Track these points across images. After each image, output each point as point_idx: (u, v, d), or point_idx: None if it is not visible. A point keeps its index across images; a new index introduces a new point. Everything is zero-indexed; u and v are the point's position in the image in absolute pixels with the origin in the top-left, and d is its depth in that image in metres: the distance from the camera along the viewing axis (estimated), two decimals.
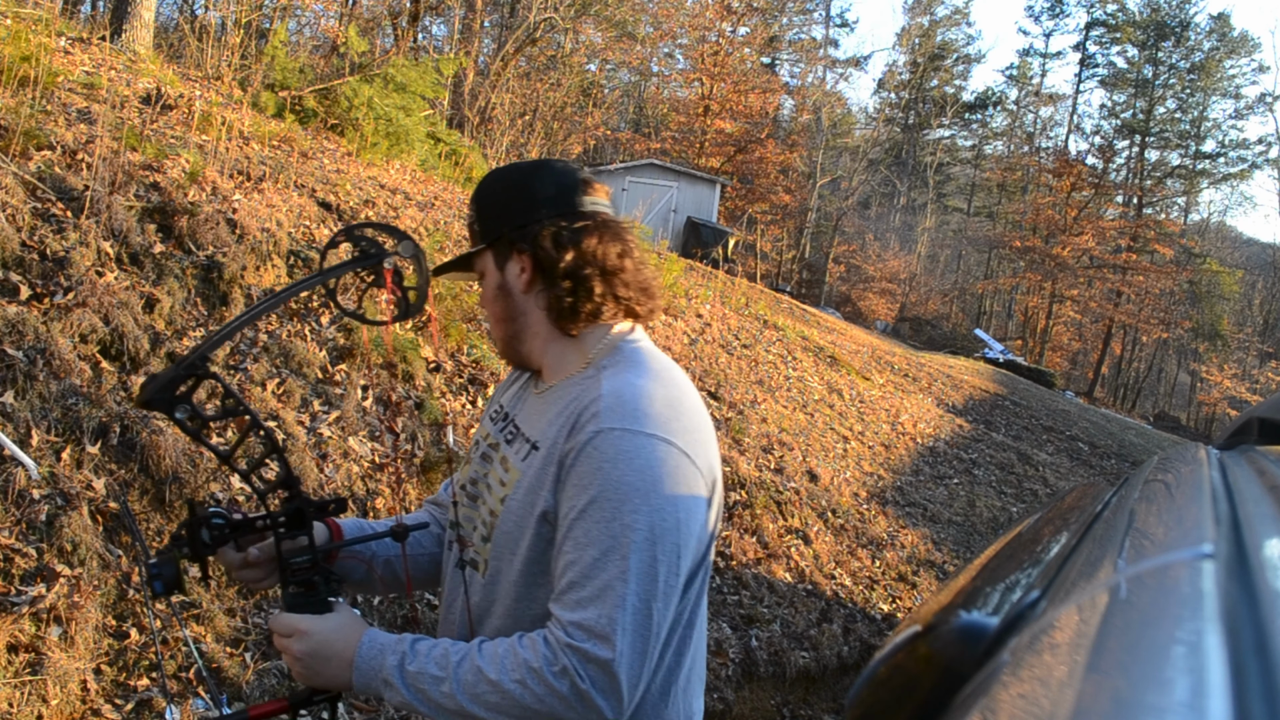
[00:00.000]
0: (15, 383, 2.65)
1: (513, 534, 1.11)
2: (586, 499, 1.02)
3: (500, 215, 1.15)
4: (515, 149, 15.12)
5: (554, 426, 1.10)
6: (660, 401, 1.06)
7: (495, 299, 1.17)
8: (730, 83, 28.00)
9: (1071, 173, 32.14)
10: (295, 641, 1.08)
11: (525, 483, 1.11)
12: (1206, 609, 0.41)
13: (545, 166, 1.17)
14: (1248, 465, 1.06)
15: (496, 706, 1.00)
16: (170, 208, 3.77)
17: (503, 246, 1.15)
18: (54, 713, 1.99)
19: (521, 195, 1.14)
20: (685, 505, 1.03)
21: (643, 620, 0.99)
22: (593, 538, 1.00)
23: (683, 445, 1.04)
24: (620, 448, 1.01)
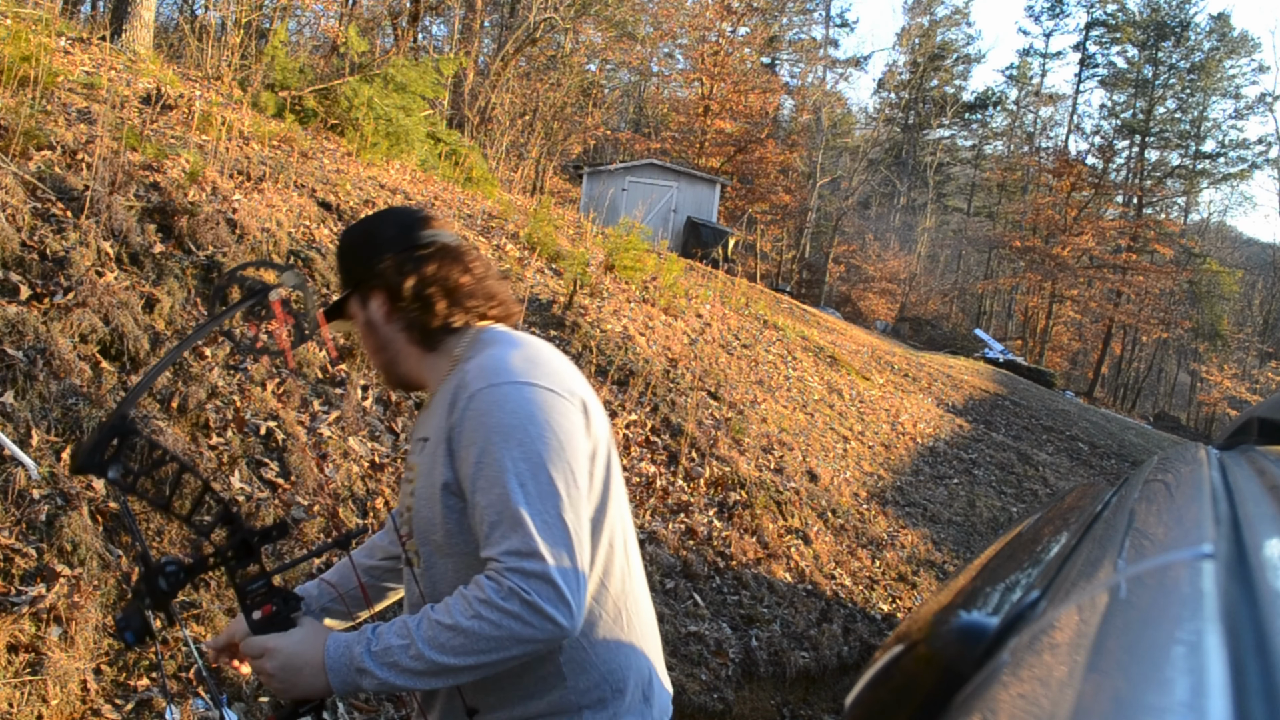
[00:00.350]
0: (15, 383, 2.65)
1: (427, 515, 1.23)
2: (476, 452, 1.14)
3: (353, 263, 1.33)
4: (515, 149, 15.12)
5: (436, 417, 1.25)
6: (517, 358, 1.23)
7: (366, 335, 1.35)
8: (730, 83, 28.01)
9: (1071, 173, 32.14)
10: (266, 660, 1.15)
11: (424, 469, 1.25)
12: (1206, 609, 0.41)
13: (387, 213, 1.37)
14: (1248, 465, 1.06)
15: (462, 648, 1.07)
16: (170, 208, 3.77)
17: (362, 289, 1.33)
18: (54, 713, 1.99)
19: (368, 242, 1.33)
20: (562, 427, 1.16)
21: (560, 531, 1.10)
22: (493, 480, 1.12)
23: (544, 383, 1.19)
24: (490, 399, 1.16)
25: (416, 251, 1.30)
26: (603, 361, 5.45)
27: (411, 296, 1.29)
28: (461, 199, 7.37)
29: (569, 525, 1.11)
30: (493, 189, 9.34)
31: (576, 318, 5.86)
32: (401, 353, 1.33)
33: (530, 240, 6.85)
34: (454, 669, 1.08)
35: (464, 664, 1.08)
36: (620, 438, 4.78)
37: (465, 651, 1.07)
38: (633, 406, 5.13)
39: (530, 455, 1.12)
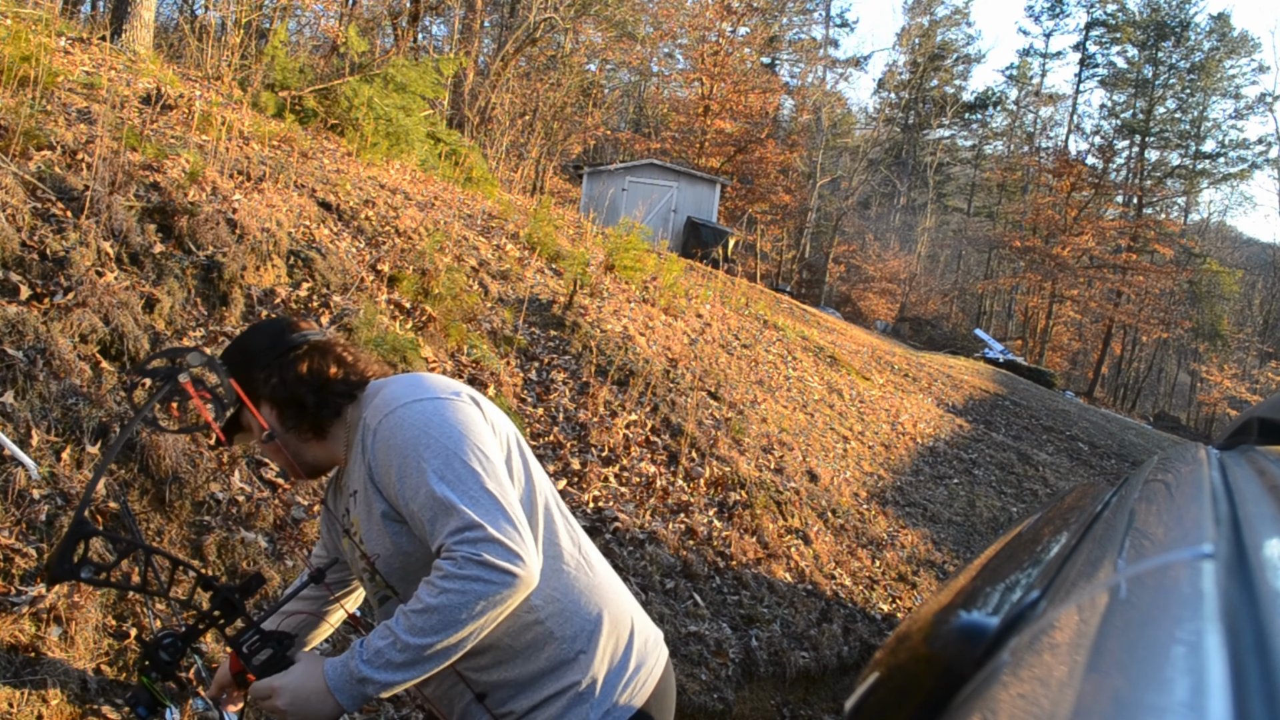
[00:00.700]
0: (15, 383, 2.65)
1: (382, 551, 1.34)
2: (396, 471, 1.26)
3: (236, 379, 1.41)
4: (515, 149, 15.12)
5: (354, 470, 1.37)
6: (400, 387, 1.36)
7: (265, 441, 1.42)
8: (730, 83, 28.01)
9: (1071, 173, 32.14)
10: (276, 699, 1.24)
11: (362, 515, 1.36)
12: (1206, 609, 0.41)
13: (256, 327, 1.47)
14: (1248, 465, 1.06)
15: (439, 624, 1.15)
16: (170, 208, 3.77)
17: (244, 407, 1.41)
18: (54, 713, 1.99)
19: (242, 357, 1.42)
20: (456, 419, 1.28)
21: (487, 500, 1.20)
22: (415, 486, 1.23)
23: (429, 396, 1.31)
24: (389, 425, 1.28)
25: (290, 355, 1.41)
26: (603, 361, 5.45)
27: (290, 399, 1.39)
28: (461, 199, 7.37)
29: (493, 492, 1.21)
30: (493, 189, 9.34)
31: (576, 318, 5.86)
32: (303, 448, 1.43)
33: (530, 240, 6.85)
34: (439, 647, 1.16)
35: (446, 639, 1.16)
36: (620, 438, 4.78)
37: (443, 627, 1.15)
38: (633, 406, 5.13)
39: (439, 451, 1.23)
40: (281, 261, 4.04)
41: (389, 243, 4.98)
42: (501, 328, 5.09)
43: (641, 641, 1.41)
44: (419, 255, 4.95)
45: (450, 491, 1.20)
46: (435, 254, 5.04)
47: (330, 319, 3.96)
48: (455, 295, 4.80)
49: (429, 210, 6.14)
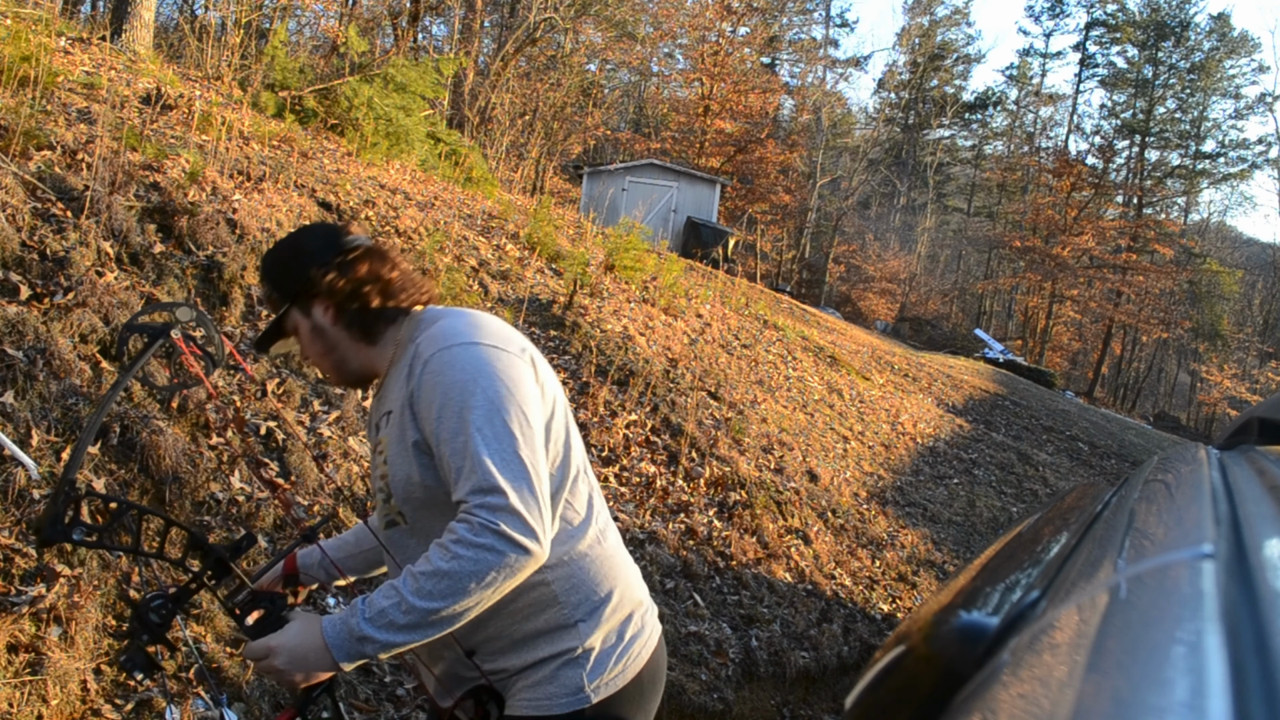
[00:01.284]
0: (15, 383, 2.65)
1: (404, 475, 1.33)
2: (437, 408, 1.25)
3: (285, 277, 1.42)
4: (515, 149, 15.12)
5: (395, 390, 1.36)
6: (462, 323, 1.34)
7: (313, 340, 1.43)
8: (730, 83, 28.00)
9: (1071, 173, 32.13)
10: (273, 658, 1.22)
11: (393, 436, 1.35)
12: (1206, 609, 0.41)
13: (307, 229, 1.48)
14: (1248, 465, 1.06)
15: (448, 590, 1.15)
16: (170, 208, 3.77)
17: (301, 301, 1.41)
18: (54, 713, 1.99)
19: (296, 254, 1.42)
20: (510, 376, 1.27)
21: (518, 467, 1.20)
22: (454, 430, 1.22)
23: (489, 342, 1.30)
24: (443, 360, 1.27)
25: (348, 256, 1.41)
26: (603, 361, 5.45)
27: (351, 296, 1.40)
28: (461, 199, 7.37)
29: (525, 461, 1.21)
30: (493, 189, 9.34)
31: (576, 318, 5.86)
32: (350, 351, 1.43)
33: (530, 240, 6.85)
34: (444, 613, 1.16)
35: (452, 605, 1.15)
36: (620, 438, 4.78)
37: (450, 593, 1.15)
38: (633, 406, 5.13)
39: (484, 403, 1.22)
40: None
41: (389, 242, 4.98)
42: None
43: (640, 615, 1.43)
44: (419, 255, 4.95)
45: (485, 447, 1.20)
46: (435, 254, 5.04)
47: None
48: (455, 295, 4.80)
49: (429, 210, 6.14)
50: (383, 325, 1.42)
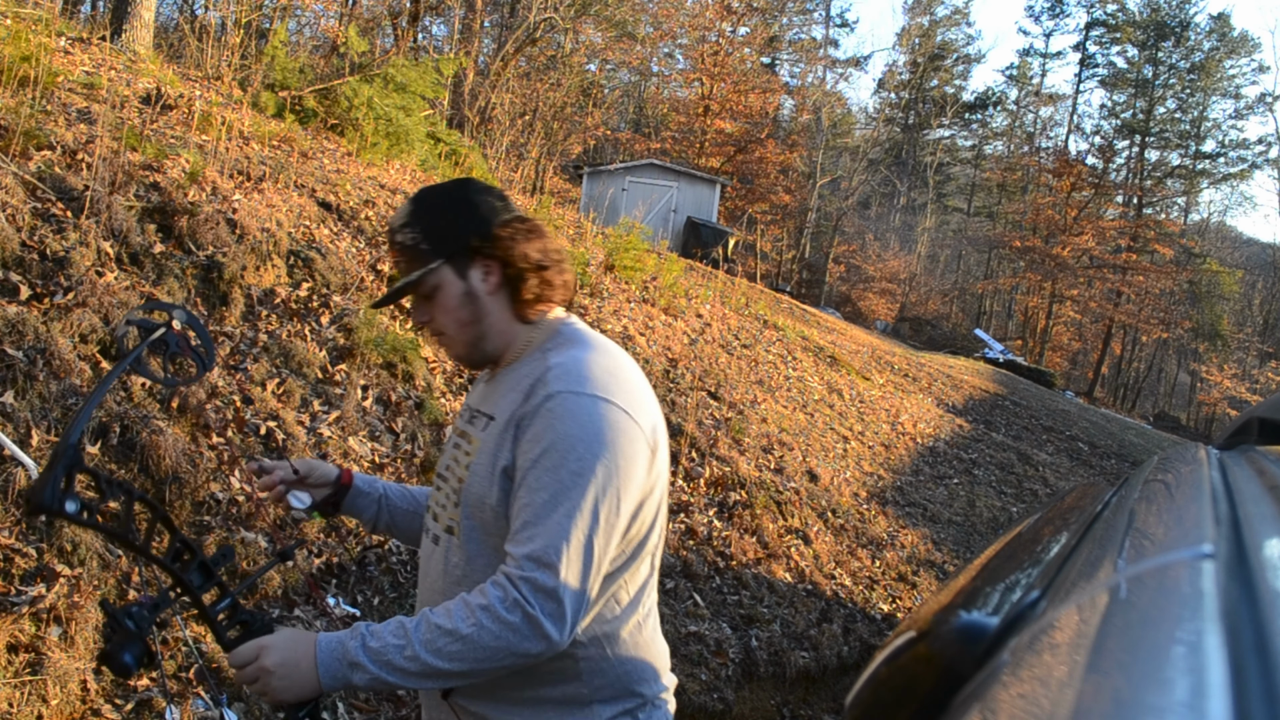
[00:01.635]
0: (15, 383, 2.65)
1: (480, 492, 1.23)
2: (539, 450, 1.15)
3: (451, 228, 1.27)
4: (515, 149, 15.11)
5: (508, 399, 1.25)
6: (600, 369, 1.21)
7: (460, 306, 1.27)
8: (730, 83, 28.00)
9: (1071, 173, 32.13)
10: (265, 657, 1.15)
11: (487, 447, 1.25)
12: (1206, 609, 0.41)
13: (471, 181, 1.32)
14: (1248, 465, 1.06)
15: (458, 655, 1.09)
16: (170, 208, 3.77)
17: (461, 257, 1.26)
18: (54, 713, 1.99)
19: (468, 208, 1.28)
20: (625, 454, 1.17)
21: (585, 553, 1.12)
22: (544, 483, 1.14)
23: (622, 404, 1.19)
24: (567, 407, 1.16)
25: (523, 224, 1.29)
26: None
27: (524, 269, 1.27)
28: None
29: (596, 551, 1.13)
30: None
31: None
32: (495, 327, 1.29)
33: None
34: (445, 673, 1.11)
35: (456, 669, 1.10)
36: None
37: (460, 658, 1.10)
38: None
39: (587, 477, 1.13)
40: (281, 261, 4.04)
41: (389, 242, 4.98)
42: None
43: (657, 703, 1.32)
44: None
45: (565, 520, 1.11)
46: None
47: (330, 319, 3.95)
48: None
49: None
50: (539, 307, 1.30)
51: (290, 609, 2.70)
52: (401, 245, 1.28)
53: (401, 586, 3.05)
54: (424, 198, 1.29)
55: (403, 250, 1.28)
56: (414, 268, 1.27)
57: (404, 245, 1.28)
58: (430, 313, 1.29)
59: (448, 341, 1.31)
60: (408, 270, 1.28)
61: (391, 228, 1.30)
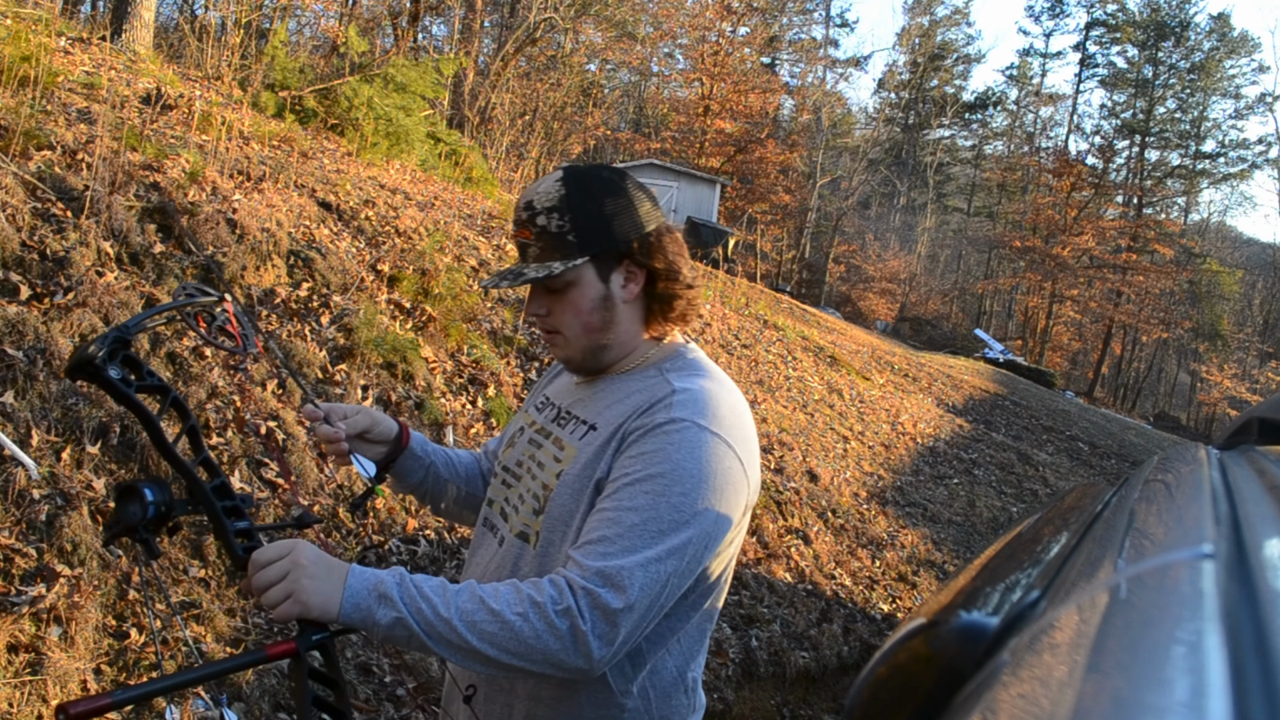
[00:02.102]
0: (15, 383, 2.65)
1: (568, 505, 1.15)
2: (645, 471, 1.07)
3: (606, 226, 1.14)
4: (515, 149, 15.11)
5: (614, 410, 1.17)
6: (726, 407, 1.14)
7: (593, 310, 1.16)
8: (730, 83, 28.00)
9: (1071, 173, 32.15)
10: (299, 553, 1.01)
11: (583, 458, 1.16)
12: (1206, 609, 0.41)
13: (628, 174, 1.20)
14: (1248, 465, 1.06)
15: (491, 637, 1.01)
16: (170, 208, 3.77)
17: (607, 257, 1.15)
18: (54, 713, 1.99)
19: (625, 206, 1.15)
20: (727, 502, 1.10)
21: (657, 589, 1.04)
22: (639, 505, 1.05)
23: (740, 451, 1.12)
24: (688, 437, 1.08)
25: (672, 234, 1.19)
26: None
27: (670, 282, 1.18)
28: (461, 199, 7.36)
29: (667, 589, 1.06)
30: (493, 189, 9.34)
31: None
32: (622, 337, 1.20)
33: None
34: (471, 651, 1.01)
35: (483, 651, 1.01)
36: None
37: (492, 641, 1.01)
38: None
39: (684, 509, 1.06)
40: (281, 261, 4.04)
41: (389, 243, 4.98)
42: (502, 328, 5.09)
43: None
44: (419, 255, 4.95)
45: (649, 545, 1.04)
46: (435, 254, 5.04)
47: (330, 319, 3.96)
48: (455, 295, 4.80)
49: (429, 210, 6.14)
50: (667, 330, 1.22)
51: None
52: (543, 230, 1.13)
53: None
54: (580, 182, 1.14)
55: (542, 234, 1.13)
56: (551, 257, 1.13)
57: (545, 230, 1.13)
58: (550, 307, 1.17)
59: (561, 341, 1.20)
60: (542, 257, 1.14)
61: (532, 205, 1.15)
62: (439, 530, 3.38)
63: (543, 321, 1.20)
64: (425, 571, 3.16)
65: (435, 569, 3.20)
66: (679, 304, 1.20)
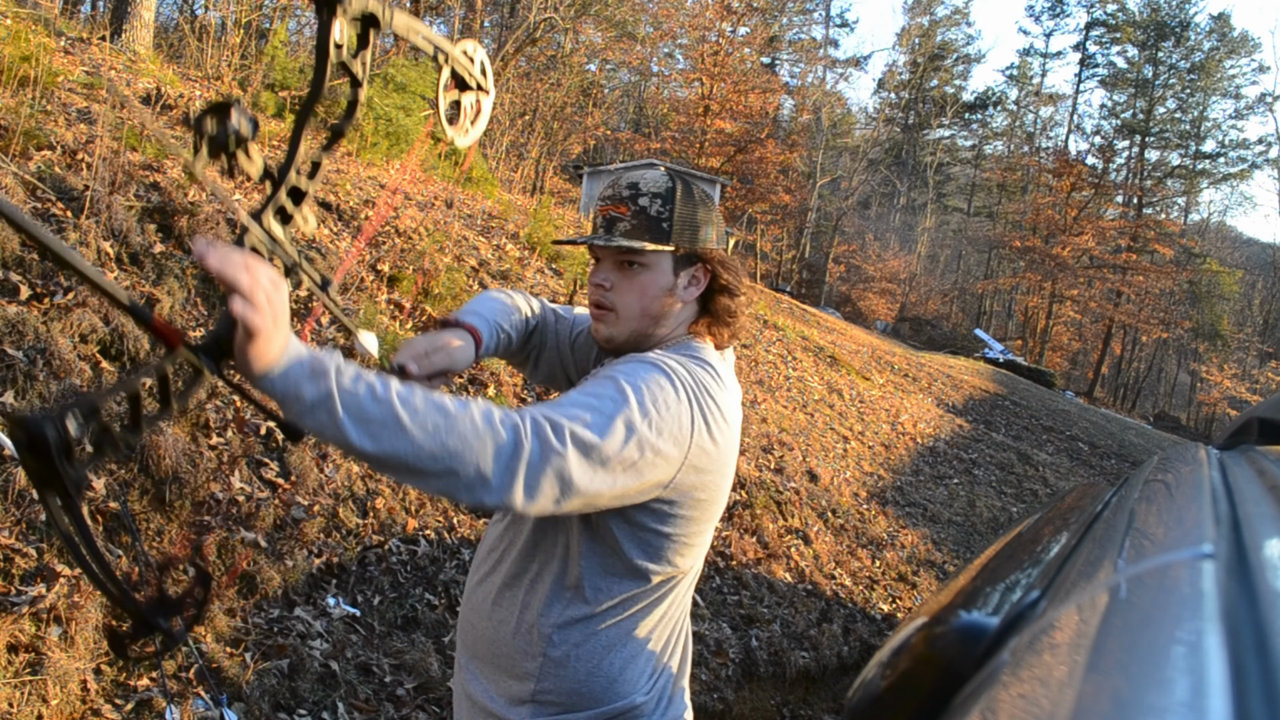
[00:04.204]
0: (15, 383, 2.65)
1: None
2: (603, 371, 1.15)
3: (695, 228, 1.23)
4: (515, 149, 15.12)
5: None
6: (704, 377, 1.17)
7: (656, 297, 1.22)
8: (730, 83, 27.99)
9: (1071, 173, 32.15)
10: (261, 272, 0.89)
11: None
12: (1206, 609, 0.41)
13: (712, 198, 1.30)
14: (1248, 465, 1.06)
15: (426, 425, 0.92)
16: (170, 208, 3.77)
17: (686, 257, 1.23)
18: (54, 713, 1.99)
19: (715, 223, 1.26)
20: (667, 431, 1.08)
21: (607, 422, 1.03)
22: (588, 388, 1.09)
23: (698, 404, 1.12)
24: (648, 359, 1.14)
25: (734, 258, 1.28)
26: None
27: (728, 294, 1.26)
28: (461, 199, 7.36)
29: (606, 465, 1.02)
30: (493, 189, 9.34)
31: None
32: (669, 328, 1.26)
33: (530, 240, 6.85)
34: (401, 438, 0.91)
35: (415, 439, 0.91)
36: None
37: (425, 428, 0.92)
38: None
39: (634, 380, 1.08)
40: (281, 261, 4.04)
41: (389, 243, 4.98)
42: None
43: None
44: (419, 255, 4.95)
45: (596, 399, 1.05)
46: (435, 254, 5.04)
47: (330, 319, 3.95)
48: (455, 295, 4.80)
49: (429, 210, 6.14)
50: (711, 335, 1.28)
51: (290, 609, 2.70)
52: (642, 210, 1.20)
53: (401, 586, 3.05)
54: (686, 184, 1.25)
55: (640, 214, 1.21)
56: (640, 237, 1.20)
57: (645, 211, 1.21)
58: (615, 281, 1.23)
59: (611, 318, 1.24)
60: (632, 234, 1.20)
61: (637, 186, 1.22)
62: (439, 530, 3.38)
63: (603, 294, 1.24)
64: (425, 572, 3.16)
65: (435, 569, 3.20)
66: (730, 320, 1.27)
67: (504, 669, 1.24)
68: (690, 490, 1.15)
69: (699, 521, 1.21)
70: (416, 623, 2.94)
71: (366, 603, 2.91)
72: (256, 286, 0.87)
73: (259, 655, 2.46)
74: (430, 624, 2.94)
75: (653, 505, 1.14)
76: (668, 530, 1.18)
